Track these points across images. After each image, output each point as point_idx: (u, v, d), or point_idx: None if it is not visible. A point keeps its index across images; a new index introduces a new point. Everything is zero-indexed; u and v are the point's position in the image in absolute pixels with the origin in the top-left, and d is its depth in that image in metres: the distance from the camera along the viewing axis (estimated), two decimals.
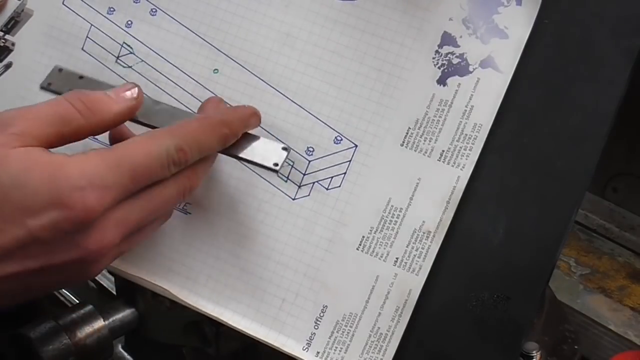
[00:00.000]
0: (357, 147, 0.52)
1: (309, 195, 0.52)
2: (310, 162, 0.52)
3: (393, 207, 0.51)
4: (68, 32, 0.57)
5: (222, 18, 0.55)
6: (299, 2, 0.54)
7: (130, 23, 0.56)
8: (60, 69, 0.50)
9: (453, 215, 0.50)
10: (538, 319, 0.61)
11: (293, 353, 0.50)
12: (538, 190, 0.50)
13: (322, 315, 0.51)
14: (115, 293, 0.60)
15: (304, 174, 0.52)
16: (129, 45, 0.56)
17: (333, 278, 0.51)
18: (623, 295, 0.85)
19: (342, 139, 0.52)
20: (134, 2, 0.56)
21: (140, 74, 0.55)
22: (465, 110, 0.51)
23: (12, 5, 0.59)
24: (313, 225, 0.51)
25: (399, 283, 0.50)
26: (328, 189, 0.52)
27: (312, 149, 0.52)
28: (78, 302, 0.57)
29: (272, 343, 0.50)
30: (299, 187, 0.52)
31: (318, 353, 0.50)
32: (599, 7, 0.51)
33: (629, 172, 0.92)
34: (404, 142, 0.52)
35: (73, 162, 0.41)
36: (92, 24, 0.57)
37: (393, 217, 0.51)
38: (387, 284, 0.50)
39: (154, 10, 0.56)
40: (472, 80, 0.52)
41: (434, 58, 0.52)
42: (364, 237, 0.51)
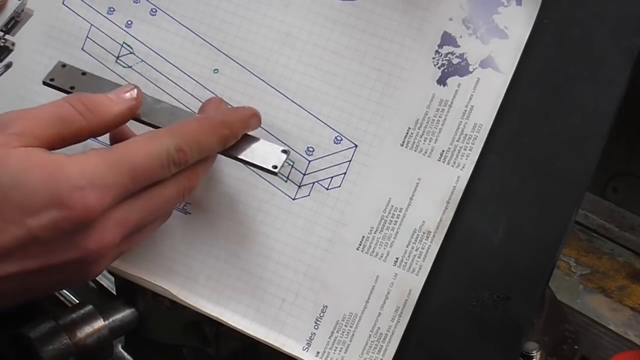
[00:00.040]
0: (357, 147, 0.52)
1: (309, 195, 0.52)
2: (310, 162, 0.52)
3: (393, 207, 0.51)
4: (68, 32, 0.57)
5: (222, 18, 0.55)
6: (299, 2, 0.54)
7: (130, 23, 0.56)
8: (64, 65, 0.50)
9: (453, 215, 0.50)
10: (538, 319, 0.61)
11: (293, 353, 0.50)
12: (538, 190, 0.50)
13: (322, 315, 0.50)
14: (115, 293, 0.60)
15: (304, 174, 0.52)
16: (129, 45, 0.56)
17: (333, 278, 0.51)
18: (623, 295, 0.85)
19: (342, 139, 0.52)
20: (134, 2, 0.56)
21: (140, 74, 0.55)
22: (465, 110, 0.51)
23: (12, 5, 0.59)
24: (313, 225, 0.51)
25: (399, 283, 0.50)
26: (328, 189, 0.52)
27: (312, 149, 0.52)
28: (78, 302, 0.57)
29: (272, 343, 0.50)
30: (299, 187, 0.52)
31: (318, 353, 0.50)
32: (599, 7, 0.51)
33: (629, 172, 0.92)
34: (404, 142, 0.52)
35: (73, 161, 0.41)
36: (92, 24, 0.57)
37: (393, 217, 0.51)
38: (387, 284, 0.50)
39: (154, 10, 0.56)
40: (472, 80, 0.52)
41: (434, 58, 0.52)
42: (364, 237, 0.51)
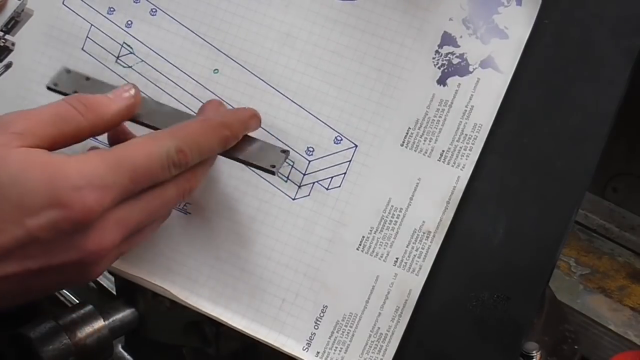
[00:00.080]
0: (357, 147, 0.52)
1: (309, 195, 0.52)
2: (310, 162, 0.52)
3: (393, 207, 0.51)
4: (68, 32, 0.57)
5: (222, 18, 0.55)
6: (299, 2, 0.54)
7: (130, 23, 0.56)
8: (68, 71, 0.50)
9: (453, 215, 0.50)
10: (538, 319, 0.61)
11: (293, 353, 0.50)
12: (538, 190, 0.50)
13: (322, 315, 0.50)
14: (115, 293, 0.60)
15: (304, 174, 0.52)
16: (129, 45, 0.56)
17: (333, 278, 0.51)
18: (623, 295, 0.85)
19: (342, 139, 0.52)
20: (134, 2, 0.56)
21: (140, 74, 0.55)
22: (465, 111, 0.51)
23: (12, 5, 0.59)
24: (313, 225, 0.51)
25: (399, 283, 0.50)
26: (328, 189, 0.52)
27: (312, 149, 0.52)
28: (78, 302, 0.57)
29: (272, 343, 0.50)
30: (299, 187, 0.52)
31: (318, 353, 0.50)
32: (599, 7, 0.51)
33: (629, 172, 0.92)
34: (404, 142, 0.52)
35: (72, 162, 0.41)
36: (92, 24, 0.57)
37: (393, 217, 0.51)
38: (387, 284, 0.50)
39: (154, 10, 0.56)
40: (472, 81, 0.52)
41: (434, 58, 0.52)
42: (364, 237, 0.51)
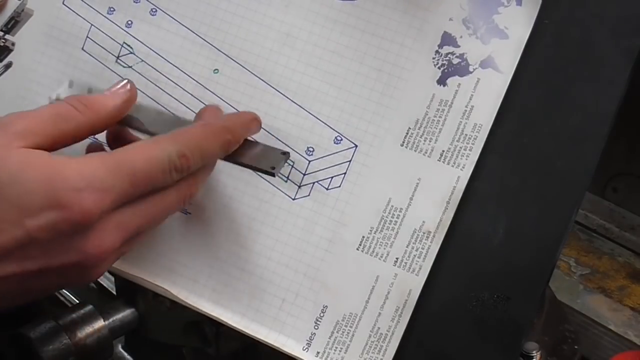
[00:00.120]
0: (357, 147, 0.52)
1: (309, 195, 0.52)
2: (310, 162, 0.52)
3: (393, 207, 0.51)
4: (68, 32, 0.57)
5: (222, 18, 0.55)
6: (299, 2, 0.54)
7: (130, 23, 0.56)
8: (71, 84, 0.51)
9: (453, 216, 0.50)
10: (538, 319, 0.61)
11: (293, 353, 0.50)
12: (538, 190, 0.50)
13: (322, 316, 0.50)
14: (115, 293, 0.60)
15: (304, 174, 0.52)
16: (129, 45, 0.56)
17: (333, 278, 0.51)
18: (623, 295, 0.85)
19: (342, 139, 0.52)
20: (134, 2, 0.56)
21: (140, 74, 0.55)
22: (465, 111, 0.51)
23: (12, 5, 0.59)
24: (313, 225, 0.51)
25: (399, 283, 0.50)
26: (328, 189, 0.52)
27: (312, 149, 0.52)
28: (78, 302, 0.57)
29: (272, 343, 0.50)
30: (299, 187, 0.52)
31: (318, 353, 0.50)
32: (599, 7, 0.51)
33: (629, 172, 0.92)
34: (404, 142, 0.52)
35: (72, 163, 0.41)
36: (92, 24, 0.57)
37: (393, 217, 0.51)
38: (387, 284, 0.50)
39: (154, 10, 0.56)
40: (472, 81, 0.52)
41: (434, 58, 0.52)
42: (364, 237, 0.51)
